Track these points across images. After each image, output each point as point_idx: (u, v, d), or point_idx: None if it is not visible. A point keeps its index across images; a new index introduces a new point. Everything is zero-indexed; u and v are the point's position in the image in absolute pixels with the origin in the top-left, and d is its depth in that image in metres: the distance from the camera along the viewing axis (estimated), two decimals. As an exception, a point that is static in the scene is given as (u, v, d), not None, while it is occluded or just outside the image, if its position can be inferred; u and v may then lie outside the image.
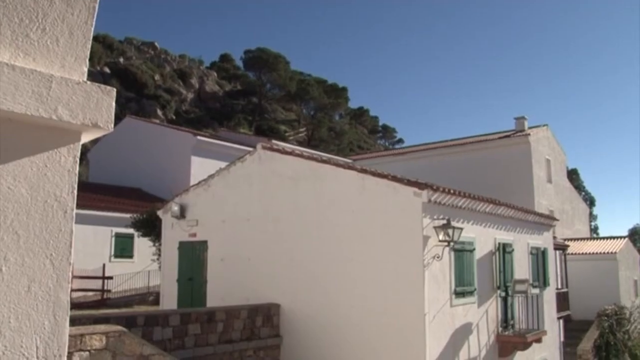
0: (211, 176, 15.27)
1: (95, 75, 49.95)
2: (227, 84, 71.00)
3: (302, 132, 67.87)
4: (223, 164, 15.88)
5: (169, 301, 15.48)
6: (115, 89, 1.92)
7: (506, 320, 14.85)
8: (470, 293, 13.34)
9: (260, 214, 14.02)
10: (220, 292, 14.19)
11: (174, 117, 55.37)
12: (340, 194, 12.67)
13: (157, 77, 59.10)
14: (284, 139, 52.76)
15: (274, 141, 28.54)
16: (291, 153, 14.22)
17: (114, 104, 1.88)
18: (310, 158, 13.80)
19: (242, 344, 12.19)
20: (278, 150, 14.40)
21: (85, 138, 1.89)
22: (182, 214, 15.49)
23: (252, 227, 14.10)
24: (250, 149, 15.30)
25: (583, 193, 60.94)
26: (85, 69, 1.85)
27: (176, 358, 9.61)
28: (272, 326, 13.08)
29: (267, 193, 13.97)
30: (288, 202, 13.55)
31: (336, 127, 72.95)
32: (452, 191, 12.44)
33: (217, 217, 14.82)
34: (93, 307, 21.20)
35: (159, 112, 53.91)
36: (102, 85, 1.85)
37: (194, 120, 56.00)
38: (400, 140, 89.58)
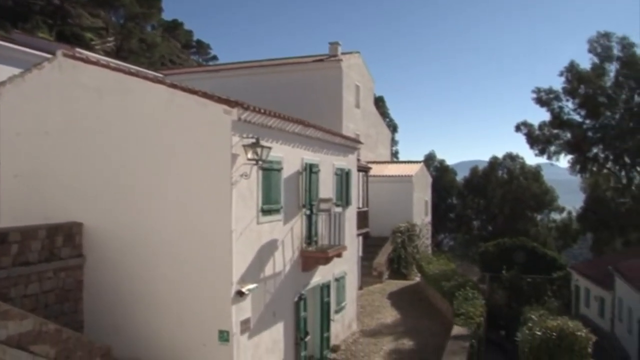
0: (2, 84, 13.80)
1: None
2: (23, -20, 63.39)
3: (110, 42, 63.25)
4: (17, 71, 14.39)
5: (-47, 221, 14.07)
6: None
7: (310, 236, 15.64)
8: (277, 211, 13.78)
9: (60, 127, 13.03)
10: (14, 212, 13.13)
11: (-46, 14, 48.52)
12: (148, 109, 12.17)
13: None
14: (90, 48, 48.86)
15: (77, 49, 26.38)
16: (96, 63, 13.26)
17: None
18: (117, 69, 12.98)
19: (40, 266, 11.50)
20: (81, 59, 13.32)
21: None
22: (-33, 124, 13.93)
23: (52, 141, 13.10)
24: (51, 56, 14.00)
25: (387, 119, 65.09)
26: None
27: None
28: (74, 246, 12.49)
29: (69, 105, 12.98)
30: (92, 115, 12.72)
31: (148, 39, 68.99)
32: (262, 110, 12.53)
33: (10, 130, 13.51)
34: None
35: (-64, 6, 46.89)
36: None
37: (-19, 20, 49.65)
38: (215, 58, 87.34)
